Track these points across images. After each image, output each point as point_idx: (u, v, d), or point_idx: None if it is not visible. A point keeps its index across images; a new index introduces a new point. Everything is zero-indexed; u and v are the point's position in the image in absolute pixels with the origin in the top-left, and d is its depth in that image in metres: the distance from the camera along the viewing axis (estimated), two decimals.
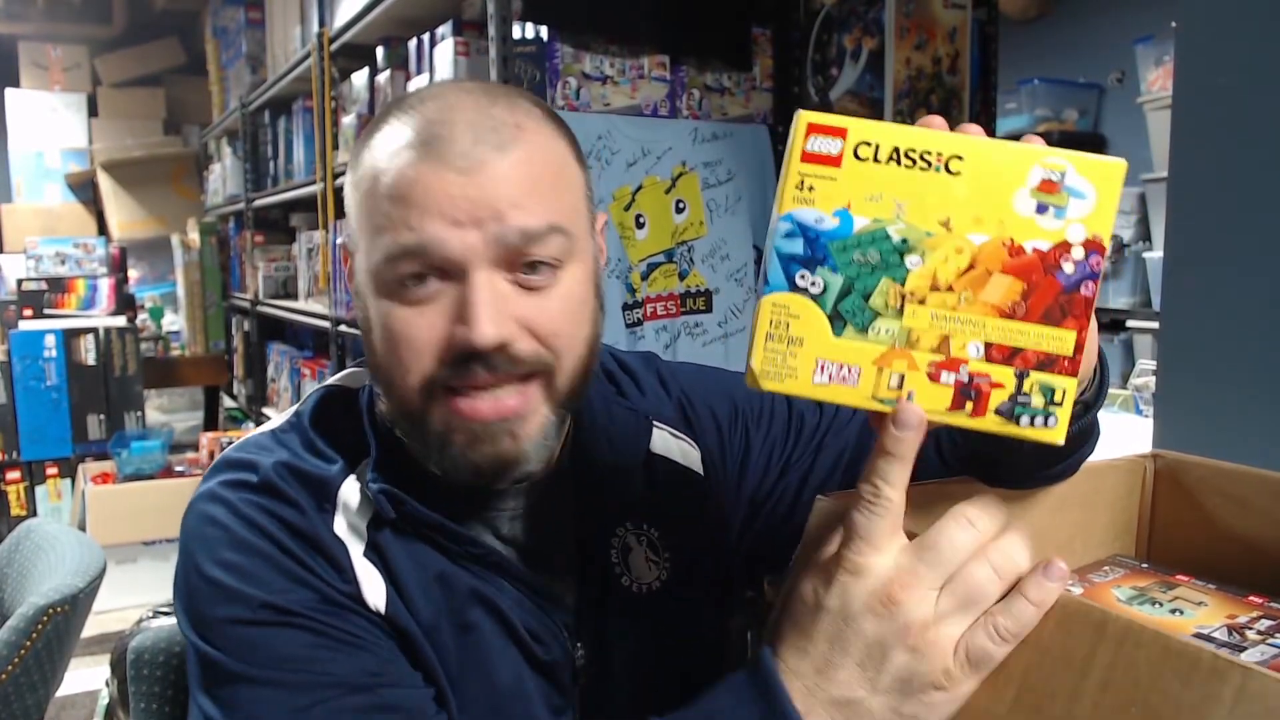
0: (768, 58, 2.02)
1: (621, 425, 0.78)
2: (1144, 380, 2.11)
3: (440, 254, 0.62)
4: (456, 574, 0.69)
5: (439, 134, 0.63)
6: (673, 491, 0.79)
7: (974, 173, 0.48)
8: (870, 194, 0.49)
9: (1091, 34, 3.62)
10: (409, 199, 0.62)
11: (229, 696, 0.62)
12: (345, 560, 0.66)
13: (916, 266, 0.49)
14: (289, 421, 0.73)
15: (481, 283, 0.62)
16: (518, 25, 1.75)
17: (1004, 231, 0.48)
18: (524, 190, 0.63)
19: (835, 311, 0.50)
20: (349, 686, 0.62)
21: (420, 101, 0.66)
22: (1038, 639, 0.48)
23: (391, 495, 0.67)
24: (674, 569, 0.78)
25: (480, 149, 0.62)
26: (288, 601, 0.63)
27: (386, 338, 0.65)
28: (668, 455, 0.80)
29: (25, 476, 3.50)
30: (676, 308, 1.92)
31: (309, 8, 2.83)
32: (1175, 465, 0.77)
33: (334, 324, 2.66)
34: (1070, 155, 0.48)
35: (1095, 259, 0.48)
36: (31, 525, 1.68)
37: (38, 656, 1.35)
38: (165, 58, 5.56)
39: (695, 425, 0.84)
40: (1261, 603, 0.64)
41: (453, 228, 0.61)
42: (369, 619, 0.66)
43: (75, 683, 2.12)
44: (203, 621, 0.64)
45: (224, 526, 0.66)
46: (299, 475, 0.68)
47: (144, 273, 5.17)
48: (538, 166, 0.65)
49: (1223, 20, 1.08)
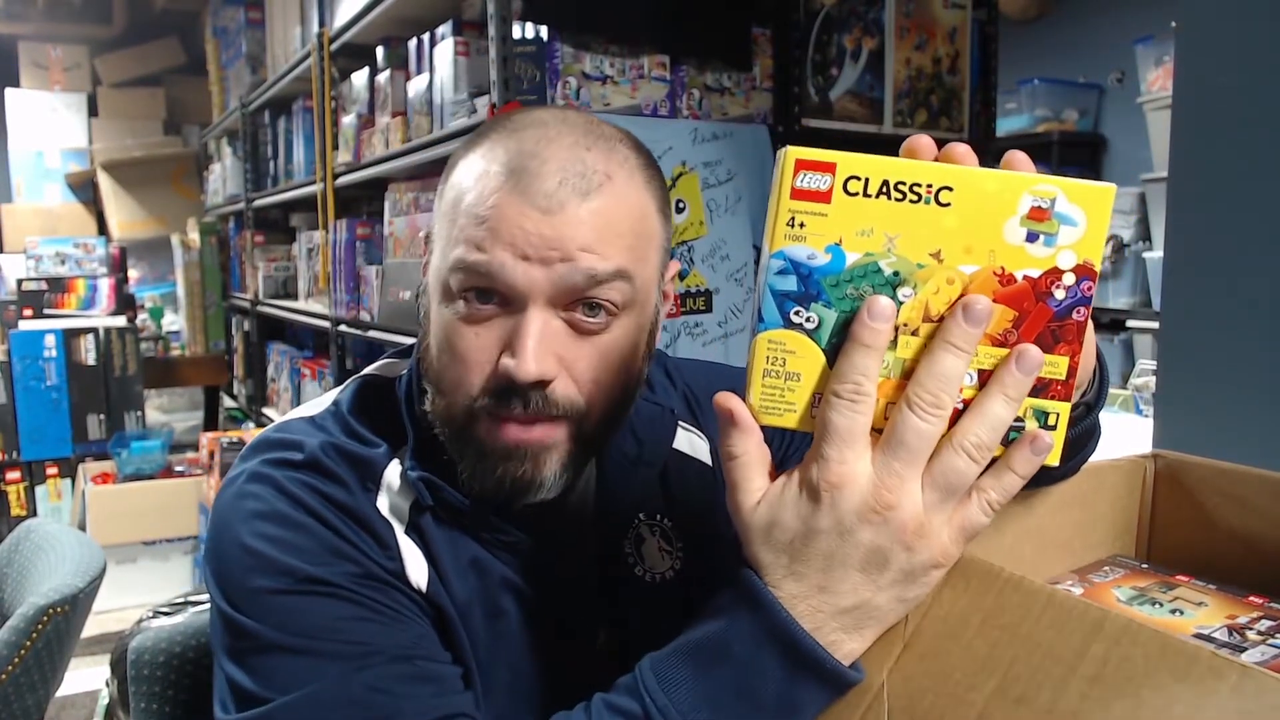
0: (768, 58, 2.02)
1: (646, 418, 0.80)
2: (1144, 380, 2.11)
3: (504, 281, 0.63)
4: (490, 561, 0.71)
5: (528, 167, 0.64)
6: (684, 483, 0.81)
7: (964, 203, 0.48)
8: (861, 228, 0.49)
9: (1091, 34, 3.63)
10: (487, 223, 0.64)
11: (263, 666, 0.62)
12: (391, 538, 0.68)
13: (909, 298, 0.49)
14: (327, 410, 0.74)
15: (535, 318, 0.64)
16: (518, 25, 1.75)
17: (995, 261, 0.48)
18: (598, 237, 0.65)
19: (830, 346, 0.50)
20: (387, 656, 0.63)
21: (522, 126, 0.67)
22: (1029, 633, 0.48)
23: (430, 483, 0.69)
24: (687, 558, 0.79)
25: (564, 191, 0.64)
26: (329, 574, 0.64)
27: (444, 347, 0.67)
28: (678, 448, 0.82)
29: (25, 476, 3.50)
30: (676, 308, 1.92)
31: (309, 8, 2.83)
32: (1175, 465, 0.77)
33: (334, 324, 2.66)
34: (1060, 182, 0.48)
35: (1086, 284, 0.48)
36: (31, 525, 1.68)
37: (38, 656, 1.35)
38: (165, 58, 5.55)
39: (701, 419, 0.85)
40: (1262, 603, 0.64)
41: (521, 260, 0.63)
42: (410, 596, 0.67)
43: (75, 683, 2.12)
44: (236, 590, 0.64)
45: (266, 501, 0.66)
46: (345, 455, 0.69)
47: (144, 273, 5.17)
48: (617, 216, 0.66)
49: (1223, 20, 1.08)
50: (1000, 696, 0.48)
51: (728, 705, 0.53)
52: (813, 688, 0.52)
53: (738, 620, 0.53)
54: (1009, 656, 0.48)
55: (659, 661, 0.56)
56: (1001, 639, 0.49)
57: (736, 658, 0.52)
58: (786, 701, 0.52)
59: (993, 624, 0.50)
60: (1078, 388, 0.61)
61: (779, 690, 0.52)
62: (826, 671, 0.52)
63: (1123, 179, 3.20)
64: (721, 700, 0.53)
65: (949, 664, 0.51)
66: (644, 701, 0.54)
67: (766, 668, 0.52)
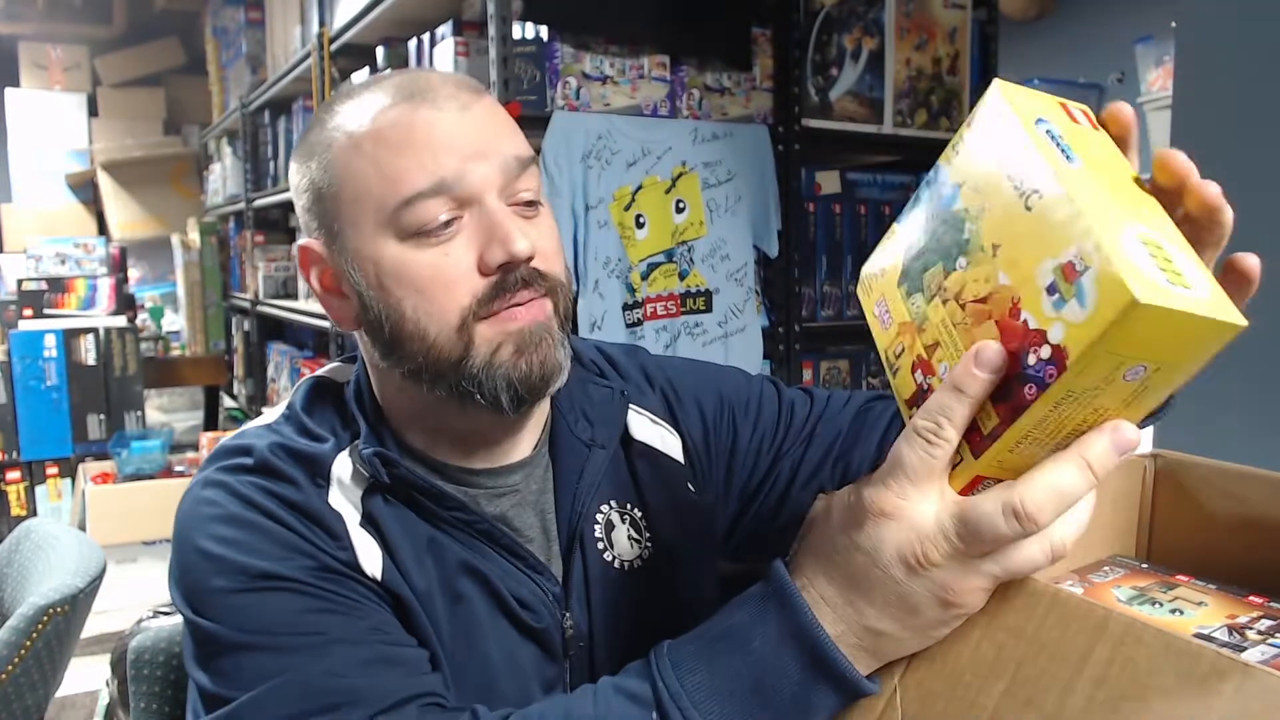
0: (768, 58, 2.02)
1: (598, 401, 0.81)
2: None
3: (460, 185, 0.66)
4: (446, 543, 0.71)
5: (420, 87, 0.68)
6: (653, 476, 0.81)
7: (1036, 218, 0.45)
8: (976, 185, 0.49)
9: (1091, 34, 3.63)
10: (414, 143, 0.66)
11: (227, 666, 0.62)
12: (341, 529, 0.68)
13: (961, 269, 0.49)
14: (282, 415, 0.75)
15: (499, 208, 0.67)
16: (518, 25, 1.75)
17: (1018, 288, 0.45)
18: (507, 127, 0.70)
19: (904, 269, 0.53)
20: (348, 643, 0.62)
21: (368, 85, 0.71)
22: (1034, 634, 0.48)
23: (384, 458, 0.69)
24: (655, 548, 0.79)
25: (462, 93, 0.68)
26: (284, 569, 0.64)
27: (412, 290, 0.67)
28: (647, 442, 0.82)
29: (25, 476, 3.50)
30: (676, 308, 1.92)
31: (309, 8, 2.83)
32: (1175, 465, 0.77)
33: (334, 324, 2.65)
34: (1105, 256, 0.41)
35: (1051, 370, 0.43)
36: (31, 525, 1.68)
37: (38, 656, 1.35)
38: (165, 58, 5.55)
39: (679, 415, 0.85)
40: (1262, 603, 0.64)
41: (466, 161, 0.66)
42: (366, 585, 0.67)
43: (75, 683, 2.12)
44: (197, 595, 0.64)
45: (220, 505, 0.67)
46: (293, 454, 0.69)
47: (144, 273, 5.17)
48: (504, 114, 0.71)
49: (1223, 20, 1.08)
50: (1009, 699, 0.48)
51: (741, 699, 0.52)
52: (826, 693, 0.52)
53: (764, 616, 0.52)
54: (1016, 658, 0.49)
55: (676, 647, 0.55)
56: (1008, 641, 0.49)
57: (756, 653, 0.52)
58: (801, 704, 0.52)
59: (999, 625, 0.50)
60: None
61: (794, 692, 0.51)
62: (844, 679, 0.51)
63: None
64: (736, 693, 0.52)
65: (958, 666, 0.51)
66: (656, 685, 0.54)
67: (786, 667, 0.51)
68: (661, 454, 0.83)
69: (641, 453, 0.82)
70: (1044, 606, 0.49)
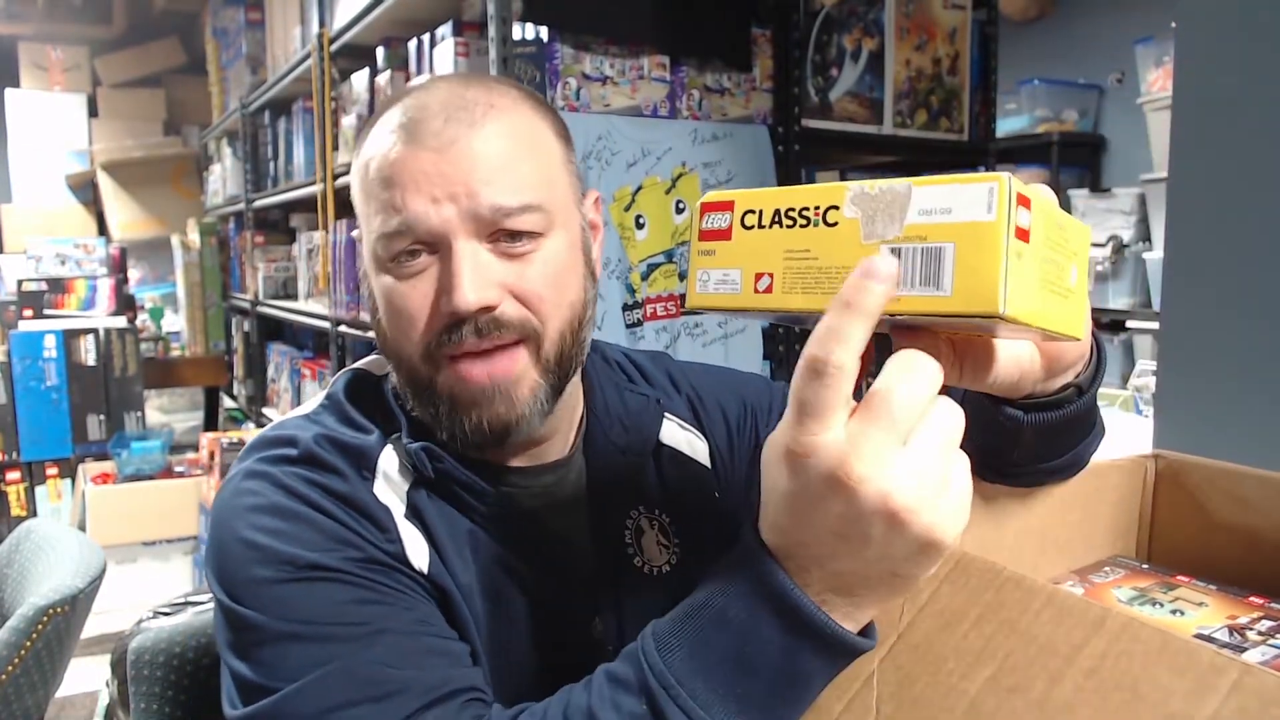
0: (768, 58, 2.02)
1: (634, 409, 0.81)
2: (1144, 380, 2.11)
3: (423, 228, 0.66)
4: (484, 539, 0.71)
5: (416, 117, 0.68)
6: (681, 482, 0.82)
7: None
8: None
9: (1091, 34, 3.63)
10: (393, 180, 0.67)
11: (269, 656, 0.62)
12: (389, 522, 0.68)
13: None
14: (321, 404, 0.75)
15: (462, 252, 0.66)
16: (518, 26, 1.75)
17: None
18: (495, 166, 0.67)
19: None
20: (394, 633, 0.62)
21: (407, 92, 0.71)
22: (1028, 627, 0.48)
23: (431, 452, 0.70)
24: (684, 554, 0.80)
25: (452, 127, 0.67)
26: (330, 560, 0.64)
27: (390, 312, 0.70)
28: (675, 446, 0.83)
29: (25, 477, 3.50)
30: (676, 308, 1.92)
31: (309, 8, 2.83)
32: (1176, 465, 0.77)
33: (334, 324, 2.66)
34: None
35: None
36: (31, 525, 1.68)
37: (38, 656, 1.35)
38: (165, 58, 5.55)
39: (705, 421, 0.86)
40: (1262, 603, 0.64)
41: (431, 204, 0.66)
42: (412, 578, 0.67)
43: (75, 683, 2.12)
44: (238, 584, 0.64)
45: (264, 495, 0.67)
46: (338, 445, 0.70)
47: (144, 273, 5.17)
48: (509, 141, 0.68)
49: (1223, 20, 1.08)
50: (993, 685, 0.48)
51: (725, 672, 0.50)
52: (812, 655, 0.49)
53: (734, 578, 0.50)
54: (1005, 649, 0.48)
55: (660, 625, 0.53)
56: (998, 632, 0.49)
57: (734, 622, 0.49)
58: (788, 670, 0.49)
59: (990, 618, 0.50)
60: (1069, 368, 0.61)
61: (778, 659, 0.49)
62: (822, 633, 0.48)
63: (1123, 179, 3.20)
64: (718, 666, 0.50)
65: (942, 654, 0.50)
66: (641, 668, 0.52)
67: (765, 632, 0.49)
68: (690, 459, 0.83)
69: (670, 458, 0.82)
70: (1040, 602, 0.49)
